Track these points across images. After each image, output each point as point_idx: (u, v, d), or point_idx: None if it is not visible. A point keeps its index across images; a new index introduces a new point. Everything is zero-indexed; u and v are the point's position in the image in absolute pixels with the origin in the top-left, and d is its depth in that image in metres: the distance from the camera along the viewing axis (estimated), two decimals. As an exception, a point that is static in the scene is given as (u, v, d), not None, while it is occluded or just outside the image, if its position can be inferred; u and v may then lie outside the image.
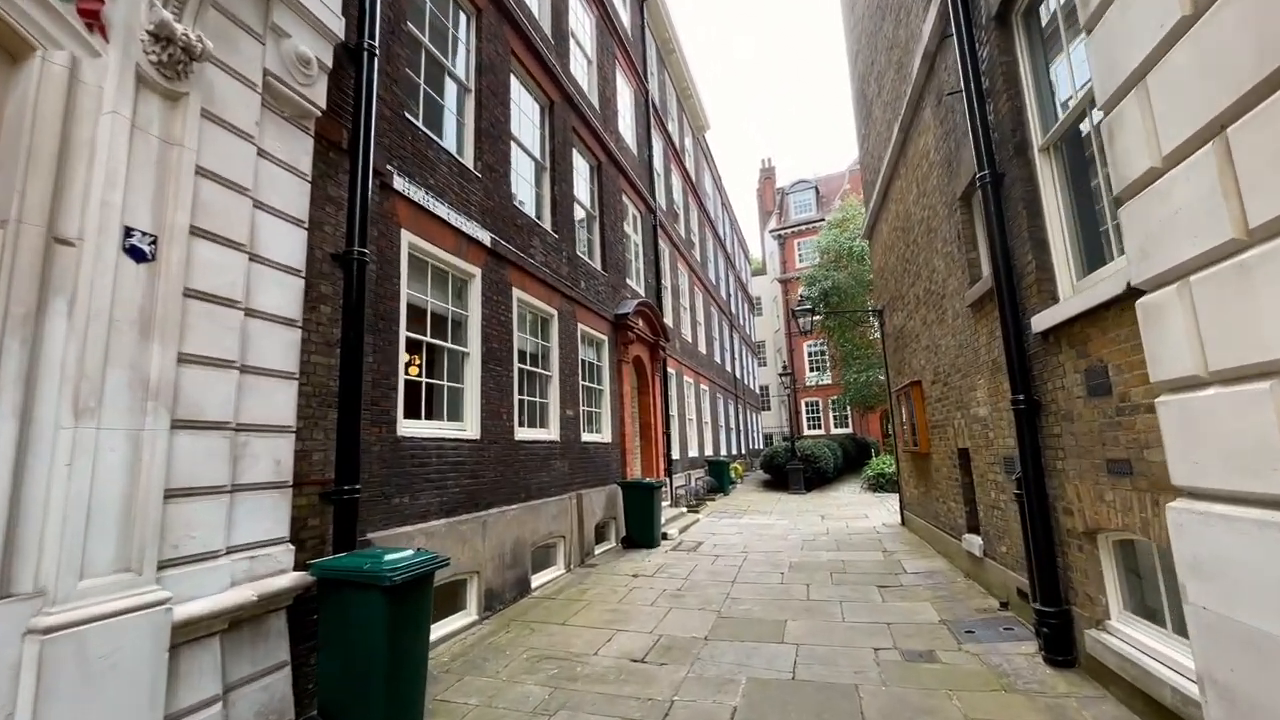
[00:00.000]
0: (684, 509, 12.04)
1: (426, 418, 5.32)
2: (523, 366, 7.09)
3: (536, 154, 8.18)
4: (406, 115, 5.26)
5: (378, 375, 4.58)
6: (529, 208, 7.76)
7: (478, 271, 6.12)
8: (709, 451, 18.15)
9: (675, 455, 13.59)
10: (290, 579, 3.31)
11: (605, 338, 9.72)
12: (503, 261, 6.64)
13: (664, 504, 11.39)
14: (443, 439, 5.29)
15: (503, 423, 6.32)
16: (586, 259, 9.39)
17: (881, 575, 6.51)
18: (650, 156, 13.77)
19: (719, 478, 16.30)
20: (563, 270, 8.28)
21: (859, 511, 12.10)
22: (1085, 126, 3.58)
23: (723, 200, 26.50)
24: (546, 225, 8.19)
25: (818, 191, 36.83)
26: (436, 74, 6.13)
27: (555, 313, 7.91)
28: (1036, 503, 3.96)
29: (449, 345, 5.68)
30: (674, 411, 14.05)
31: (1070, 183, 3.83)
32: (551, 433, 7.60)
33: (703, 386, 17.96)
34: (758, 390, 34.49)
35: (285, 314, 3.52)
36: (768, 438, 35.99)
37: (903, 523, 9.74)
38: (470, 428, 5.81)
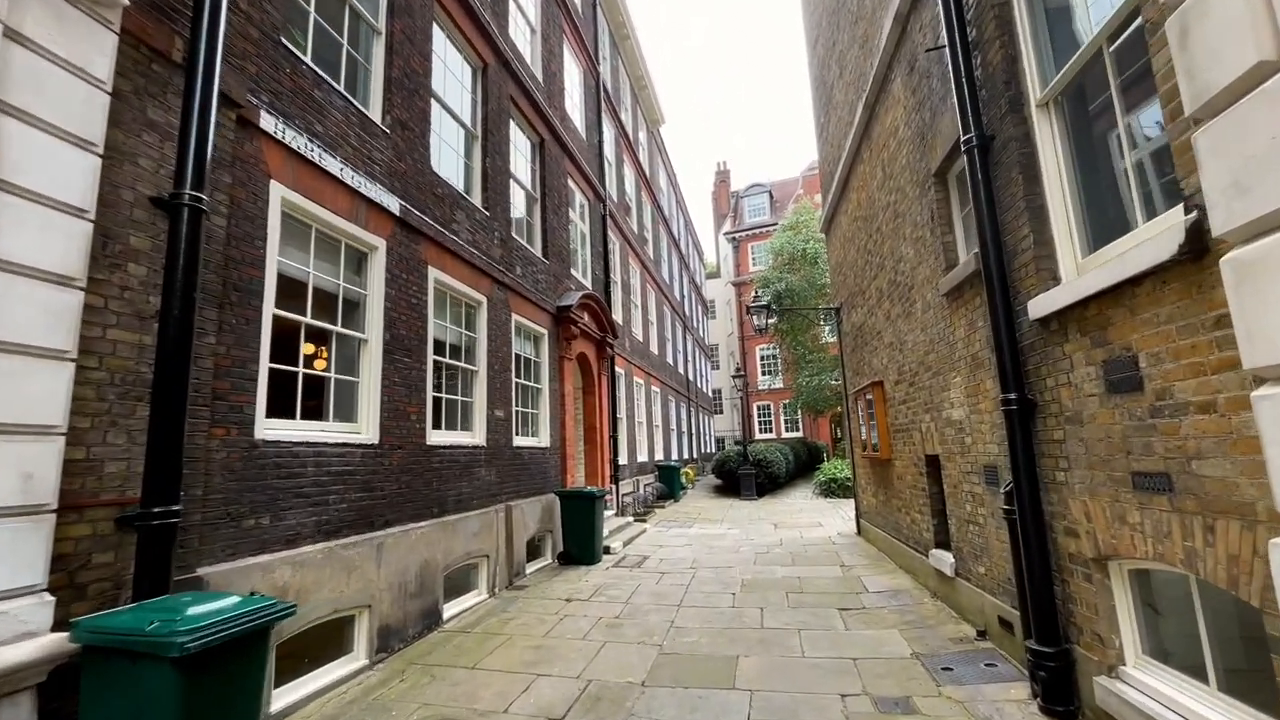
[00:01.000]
0: (630, 518, 11.24)
1: (305, 417, 4.31)
2: (441, 359, 6.12)
3: (466, 120, 7.23)
4: (285, 43, 4.25)
5: (226, 362, 3.56)
6: (456, 180, 6.80)
7: (381, 243, 5.14)
8: (659, 456, 17.43)
9: (623, 460, 12.77)
10: (38, 647, 2.29)
11: (545, 331, 8.82)
12: (416, 235, 5.66)
13: (608, 513, 10.55)
14: (324, 444, 4.29)
15: (411, 424, 5.34)
16: (525, 243, 8.48)
17: (842, 595, 5.88)
18: (600, 142, 12.96)
19: (669, 484, 15.59)
20: (494, 252, 7.34)
21: (813, 519, 11.60)
22: (1092, 76, 2.99)
23: (677, 199, 25.97)
24: (476, 200, 7.24)
25: (772, 196, 36.92)
26: (333, 3, 5.12)
27: (484, 300, 6.97)
28: (1030, 521, 3.35)
29: (339, 329, 4.68)
30: (622, 414, 13.25)
31: (1074, 142, 3.24)
32: (476, 436, 6.64)
33: (654, 388, 17.24)
34: (710, 394, 34.13)
35: (55, 268, 2.50)
36: (720, 441, 35.70)
37: (859, 532, 9.24)
38: (366, 430, 4.82)
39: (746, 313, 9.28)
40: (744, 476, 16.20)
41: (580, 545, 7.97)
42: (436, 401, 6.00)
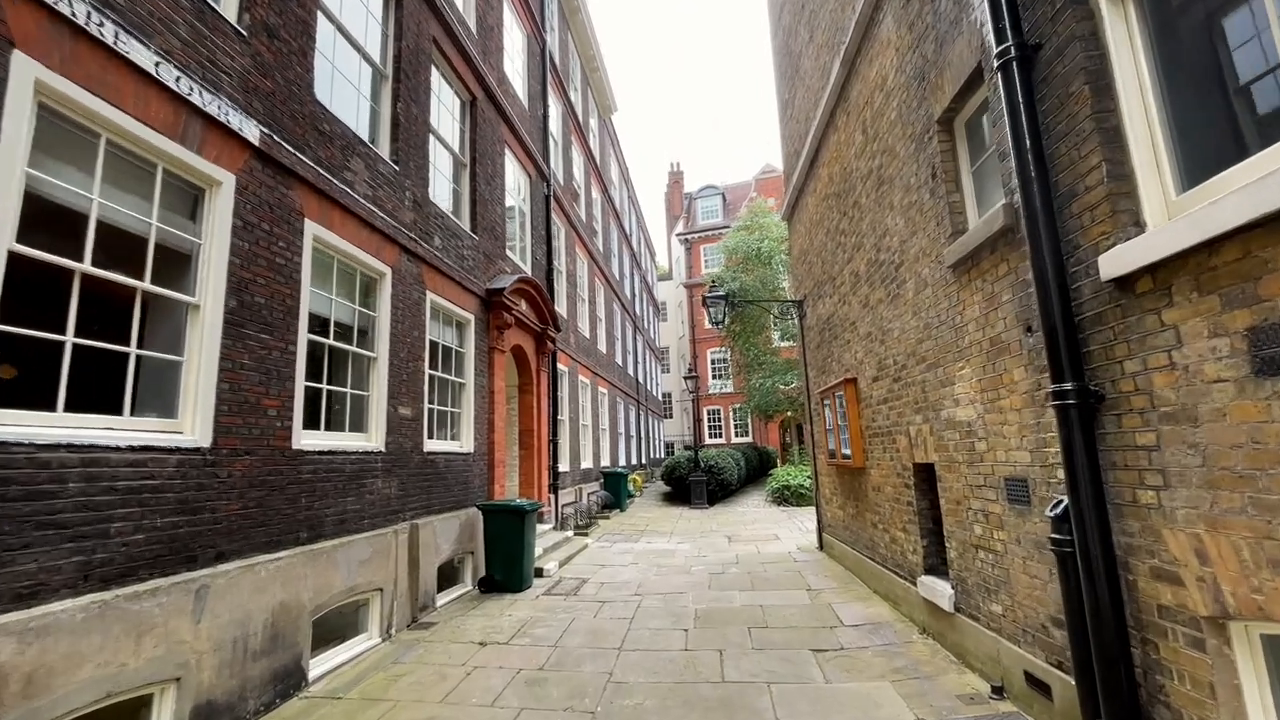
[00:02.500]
0: (570, 532, 10.05)
1: (76, 409, 2.95)
2: (322, 340, 4.80)
3: (372, 52, 5.93)
4: None
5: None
6: (356, 121, 5.49)
7: (228, 178, 3.82)
8: (605, 461, 16.29)
9: (563, 467, 11.56)
10: None
11: (471, 317, 7.56)
12: (287, 176, 4.35)
13: (545, 528, 9.34)
14: (106, 448, 2.95)
15: (268, 423, 4.02)
16: (448, 213, 7.21)
17: (814, 631, 4.92)
18: (545, 117, 11.78)
19: (615, 492, 14.47)
20: (404, 216, 6.05)
21: (768, 530, 10.75)
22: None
23: (629, 194, 25.00)
24: (382, 150, 5.95)
25: (725, 198, 36.57)
26: None
27: (387, 271, 5.67)
28: (1097, 557, 2.44)
29: (148, 287, 3.33)
30: (564, 415, 12.05)
31: (1160, 40, 2.37)
32: (371, 439, 5.34)
33: (601, 389, 16.11)
34: (660, 397, 33.28)
35: None
36: (669, 446, 34.90)
37: (821, 547, 8.40)
38: (193, 428, 3.49)
39: (703, 304, 8.33)
40: (695, 484, 15.27)
41: (507, 569, 6.74)
42: (312, 394, 4.68)
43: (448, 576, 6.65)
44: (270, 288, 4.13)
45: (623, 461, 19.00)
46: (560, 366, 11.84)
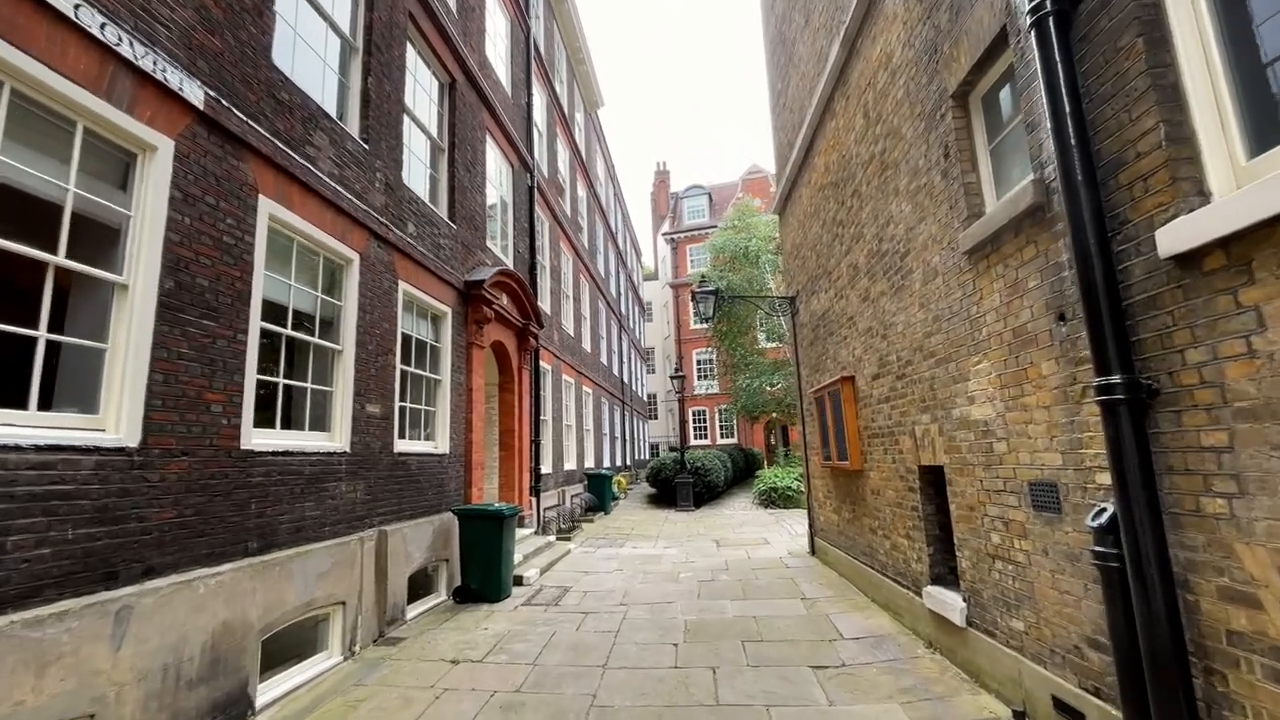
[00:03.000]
0: (552, 537, 9.64)
1: (-31, 402, 2.51)
2: (278, 330, 4.36)
3: (341, 23, 5.50)
4: None
5: None
6: (320, 93, 5.06)
7: (164, 143, 3.39)
8: (590, 463, 15.89)
9: (546, 469, 11.16)
10: None
11: (449, 310, 7.14)
12: (236, 146, 3.92)
13: (526, 532, 8.93)
14: (3, 448, 2.52)
15: (211, 419, 3.59)
16: (424, 199, 6.79)
17: (813, 645, 4.60)
18: (529, 106, 11.38)
19: (599, 494, 14.08)
20: (375, 199, 5.63)
21: (757, 534, 10.45)
22: None
23: (615, 192, 24.65)
24: (351, 127, 5.52)
25: (711, 199, 36.37)
26: None
27: (355, 257, 5.25)
28: (1152, 574, 2.14)
29: (62, 262, 2.89)
30: (547, 415, 11.64)
31: (1228, -14, 2.08)
32: (335, 439, 4.91)
33: (585, 388, 15.71)
34: (646, 398, 32.95)
35: None
36: (654, 447, 34.58)
37: (813, 551, 8.11)
38: (117, 425, 3.05)
39: (692, 299, 7.99)
40: (681, 485, 14.94)
41: (484, 577, 6.33)
42: (267, 389, 4.24)
43: (420, 586, 6.22)
44: (216, 269, 3.70)
45: (607, 463, 18.62)
46: (543, 364, 11.44)
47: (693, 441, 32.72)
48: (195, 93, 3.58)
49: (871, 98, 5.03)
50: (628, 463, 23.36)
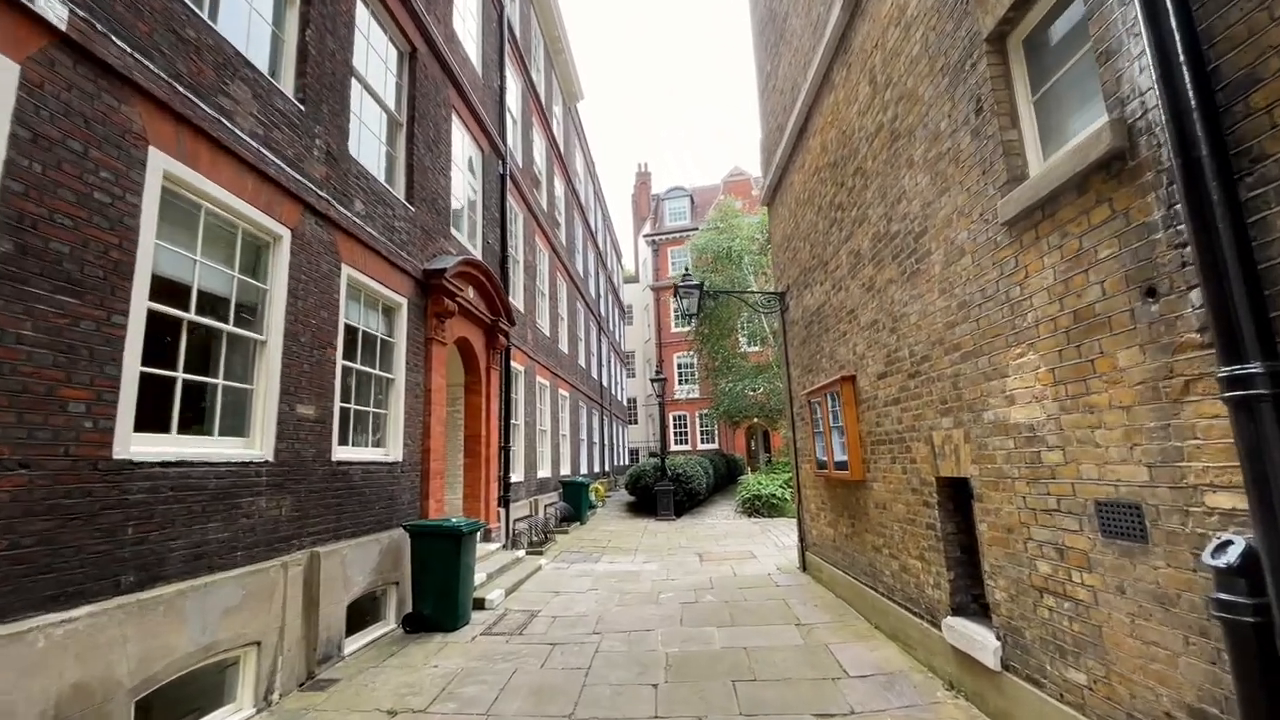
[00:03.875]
0: (522, 551, 8.88)
1: None
2: (175, 312, 3.59)
3: (271, -37, 4.76)
4: None
5: None
6: (247, 43, 4.31)
7: (6, 67, 2.63)
8: (566, 470, 15.14)
9: (517, 477, 10.40)
10: None
11: (404, 301, 6.39)
12: (118, 83, 3.17)
13: (493, 547, 8.18)
14: None
15: (69, 421, 2.83)
16: (377, 175, 6.04)
17: (814, 684, 3.96)
18: (502, 89, 10.67)
19: (575, 504, 13.33)
20: (312, 169, 4.89)
21: (742, 547, 9.82)
22: None
23: (596, 190, 24.00)
24: (284, 85, 4.78)
25: (693, 201, 35.96)
26: None
27: (285, 233, 4.50)
28: (1317, 635, 1.54)
29: None
30: (519, 419, 10.90)
31: None
32: (254, 445, 4.14)
33: (562, 392, 14.98)
34: (626, 402, 32.28)
35: None
36: (634, 453, 33.88)
37: (804, 567, 7.51)
38: (-85, 430, 2.28)
39: (674, 294, 7.36)
40: (661, 493, 14.27)
41: (439, 603, 5.58)
42: (159, 385, 3.47)
43: (366, 613, 5.45)
44: (82, 233, 2.94)
45: (584, 470, 17.87)
46: (515, 365, 10.70)
47: (674, 447, 32.10)
48: (55, 8, 2.83)
49: (879, 60, 4.46)
50: (607, 469, 22.62)
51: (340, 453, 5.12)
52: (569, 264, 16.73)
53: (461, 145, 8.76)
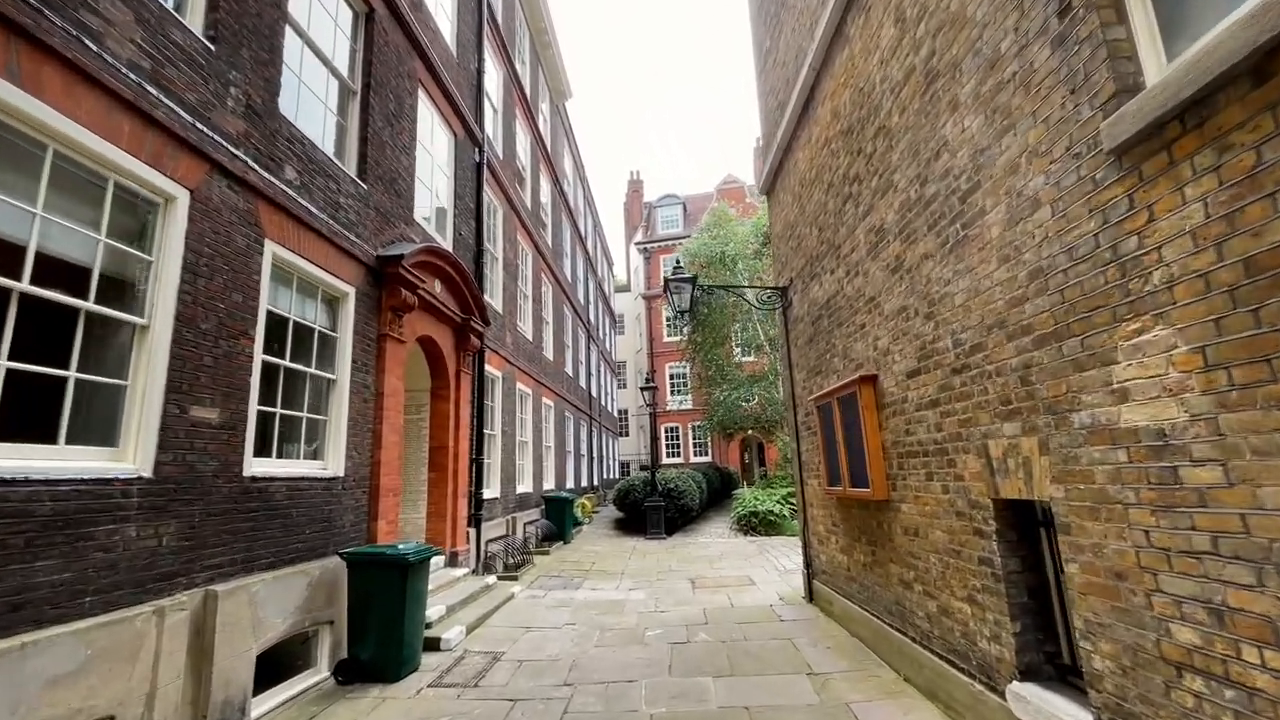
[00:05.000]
0: (493, 578, 7.91)
1: None
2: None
3: (177, -126, 3.94)
4: None
5: None
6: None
7: None
8: (549, 484, 14.19)
9: (491, 493, 9.47)
10: None
11: (351, 290, 5.53)
12: (-105, -41, 2.32)
13: (460, 573, 7.25)
14: None
15: None
16: (318, 143, 5.21)
17: (840, 770, 3.08)
18: (480, 73, 9.91)
19: (559, 521, 12.38)
20: (224, 121, 4.04)
21: (739, 570, 8.91)
22: None
23: (586, 194, 23.29)
24: (189, 18, 3.94)
25: (685, 208, 35.38)
26: None
27: (183, 194, 3.64)
28: None
29: None
30: (495, 429, 9.99)
31: None
32: (125, 457, 3.25)
33: (546, 400, 14.08)
34: (616, 414, 31.36)
35: None
36: (624, 465, 32.92)
37: (810, 597, 6.62)
38: None
39: (665, 289, 6.53)
40: (651, 509, 13.34)
41: (381, 646, 4.65)
42: (-37, 374, 2.59)
43: (291, 660, 4.52)
44: None
45: (571, 484, 16.91)
46: (492, 370, 9.82)
47: (665, 460, 31.20)
48: None
49: (910, -9, 3.68)
50: (595, 483, 21.64)
51: (257, 466, 4.22)
52: (555, 267, 15.91)
53: (431, 126, 7.95)
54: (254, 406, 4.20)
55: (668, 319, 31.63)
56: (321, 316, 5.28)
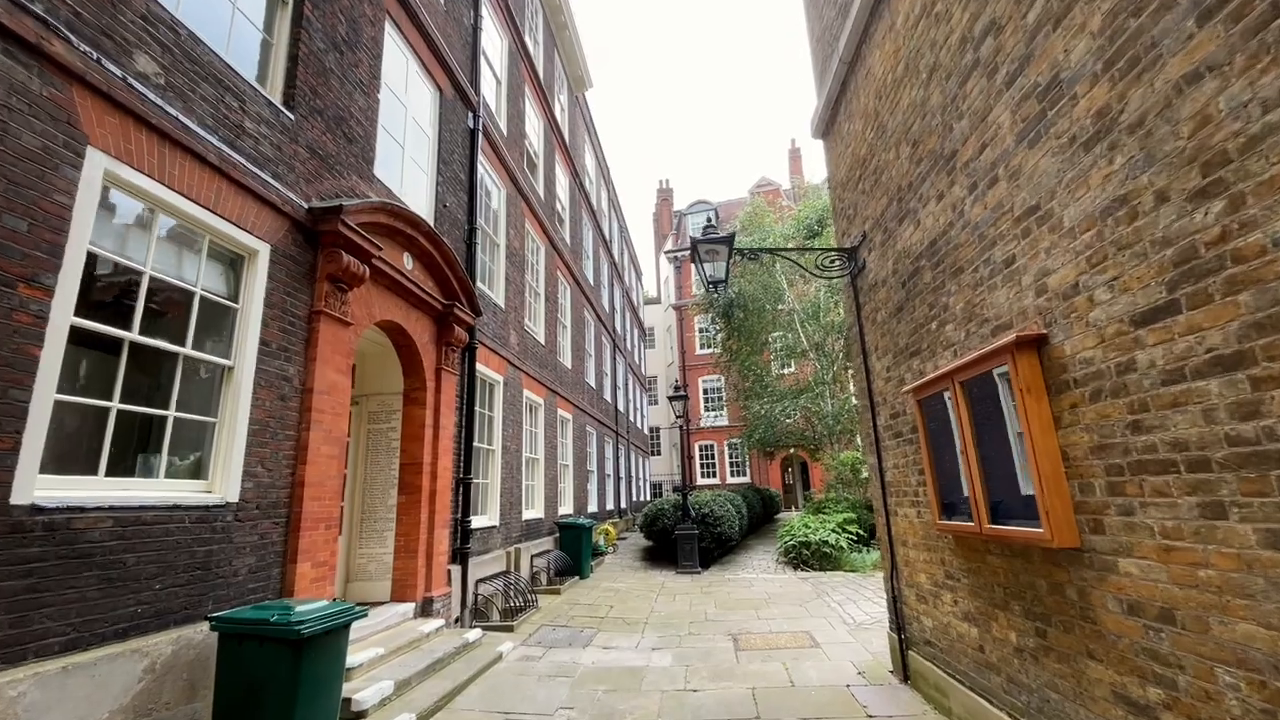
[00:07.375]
0: (477, 632, 6.21)
1: None
2: None
3: None
4: None
5: None
6: None
7: None
8: (567, 509, 12.52)
9: (485, 521, 7.85)
10: None
11: (262, 246, 4.06)
12: None
13: (433, 626, 5.61)
14: None
15: None
16: (208, 43, 3.79)
17: None
18: (476, 28, 8.58)
19: (575, 552, 10.66)
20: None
21: (795, 623, 7.00)
22: None
23: (611, 196, 21.95)
24: None
25: (717, 214, 33.50)
26: None
27: None
28: None
29: None
30: (494, 443, 8.41)
31: None
32: None
33: (563, 412, 12.49)
34: (647, 432, 29.56)
35: None
36: (656, 487, 30.96)
37: (905, 675, 4.71)
38: None
39: (693, 258, 4.87)
40: (683, 538, 11.49)
41: (261, 764, 3.02)
42: None
43: (114, 791, 2.93)
44: None
45: (594, 507, 15.20)
46: (489, 371, 8.28)
47: (699, 480, 29.22)
48: None
49: None
50: (623, 506, 19.85)
51: (55, 490, 2.70)
52: (575, 267, 14.46)
53: (406, 73, 6.58)
54: (47, 397, 2.70)
55: (700, 329, 29.91)
56: (214, 279, 3.80)
